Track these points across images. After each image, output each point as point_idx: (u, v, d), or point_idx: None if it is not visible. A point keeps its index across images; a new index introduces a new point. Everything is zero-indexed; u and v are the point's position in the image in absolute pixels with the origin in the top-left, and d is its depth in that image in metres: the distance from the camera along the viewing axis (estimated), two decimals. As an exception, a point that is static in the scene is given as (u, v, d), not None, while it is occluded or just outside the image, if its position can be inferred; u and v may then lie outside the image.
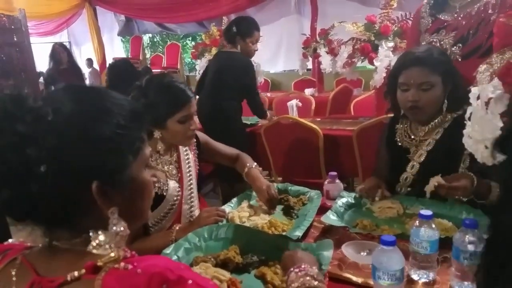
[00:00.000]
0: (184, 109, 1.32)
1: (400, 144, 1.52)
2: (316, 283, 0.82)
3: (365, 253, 1.10)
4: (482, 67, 0.87)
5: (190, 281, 0.53)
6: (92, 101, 0.60)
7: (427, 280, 0.98)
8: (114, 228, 0.58)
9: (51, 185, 0.53)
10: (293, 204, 1.43)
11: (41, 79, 7.69)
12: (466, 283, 0.93)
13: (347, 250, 1.11)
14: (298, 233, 1.19)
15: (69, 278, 0.54)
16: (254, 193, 1.58)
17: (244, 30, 2.76)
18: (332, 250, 1.01)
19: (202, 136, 1.61)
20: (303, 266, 0.86)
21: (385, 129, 1.66)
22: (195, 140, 1.57)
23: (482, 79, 0.94)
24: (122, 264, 0.54)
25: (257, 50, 2.96)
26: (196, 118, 1.39)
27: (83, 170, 0.55)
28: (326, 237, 1.20)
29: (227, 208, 1.45)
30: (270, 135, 2.73)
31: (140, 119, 0.64)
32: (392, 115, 1.65)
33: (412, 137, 1.50)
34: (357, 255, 1.10)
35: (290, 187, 1.60)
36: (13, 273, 0.58)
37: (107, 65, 5.14)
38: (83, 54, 9.29)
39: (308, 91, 4.64)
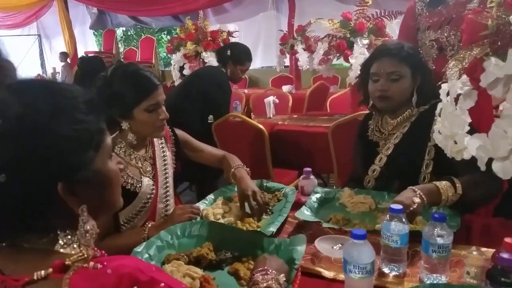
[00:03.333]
0: (150, 98, 1.27)
1: (371, 138, 1.56)
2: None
3: (338, 247, 1.11)
4: (451, 63, 0.89)
5: (162, 284, 0.51)
6: (43, 99, 0.56)
7: (398, 273, 1.00)
8: (84, 226, 0.57)
9: (15, 194, 0.51)
10: (268, 200, 1.42)
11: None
12: (435, 275, 0.95)
13: (319, 244, 1.12)
14: (272, 228, 1.19)
15: (35, 277, 0.52)
16: (228, 190, 1.56)
17: (237, 57, 2.80)
18: (305, 245, 1.01)
19: (181, 134, 1.57)
20: (270, 270, 0.86)
21: (359, 126, 1.69)
22: (173, 138, 1.53)
23: (451, 75, 0.95)
24: (92, 263, 0.53)
25: (243, 77, 3.03)
26: (164, 108, 1.34)
27: (46, 173, 0.53)
28: (300, 232, 1.21)
29: (201, 205, 1.43)
30: (220, 132, 2.71)
31: (97, 109, 0.60)
32: (366, 112, 1.69)
33: (382, 131, 1.54)
34: (330, 249, 1.10)
35: (265, 183, 1.59)
36: None
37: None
38: (54, 47, 9.01)
39: (285, 88, 4.65)
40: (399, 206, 1.01)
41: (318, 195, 1.44)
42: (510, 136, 0.63)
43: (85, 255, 0.54)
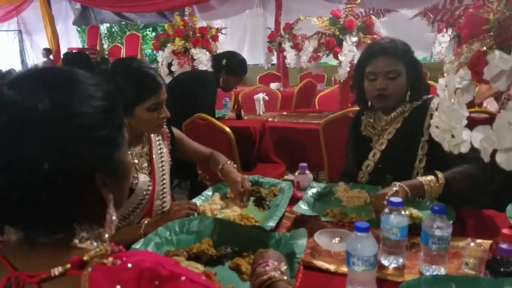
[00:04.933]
0: (154, 97, 1.26)
1: (363, 134, 1.58)
2: (284, 277, 0.82)
3: (337, 241, 1.12)
4: (450, 58, 0.90)
5: (183, 277, 0.50)
6: (72, 87, 0.55)
7: (397, 265, 1.01)
8: (111, 216, 0.57)
9: (58, 184, 0.49)
10: (264, 195, 1.42)
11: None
12: (434, 266, 0.97)
13: (319, 238, 1.12)
14: (272, 223, 1.18)
15: (53, 274, 0.50)
16: (224, 186, 1.56)
17: (232, 68, 2.72)
18: (306, 238, 1.01)
19: (177, 132, 1.58)
20: (270, 261, 0.86)
21: (351, 121, 1.70)
22: (169, 135, 1.52)
23: (450, 69, 0.97)
24: (110, 259, 0.51)
25: (235, 88, 3.02)
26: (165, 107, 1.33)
27: (87, 163, 0.52)
28: (298, 227, 1.20)
29: (198, 201, 1.41)
30: (190, 132, 2.58)
31: (116, 100, 0.60)
32: (357, 108, 1.70)
33: (375, 126, 1.55)
34: (329, 242, 1.11)
35: (261, 179, 1.59)
36: None
37: (61, 56, 4.83)
38: (36, 43, 8.79)
39: (273, 86, 4.66)
40: (399, 199, 1.02)
41: (314, 190, 1.44)
42: (516, 127, 0.65)
43: (104, 251, 0.53)
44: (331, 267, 1.01)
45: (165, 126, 1.50)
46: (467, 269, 0.94)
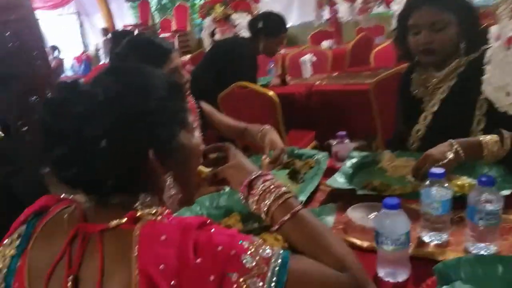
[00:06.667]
0: (167, 64, 1.25)
1: (414, 94, 1.42)
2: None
3: (373, 216, 1.03)
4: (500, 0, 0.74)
5: (213, 229, 0.60)
6: (135, 79, 0.67)
7: (440, 242, 0.91)
8: (170, 191, 0.66)
9: (113, 158, 0.59)
10: (299, 168, 1.36)
11: (56, 53, 7.70)
12: (482, 244, 0.85)
13: (352, 213, 1.05)
14: (302, 197, 1.13)
15: (111, 225, 0.60)
16: (258, 159, 1.52)
17: (270, 30, 2.53)
18: (335, 214, 0.95)
19: (206, 107, 1.56)
20: (269, 175, 0.80)
21: (401, 79, 1.54)
22: (198, 110, 1.51)
23: (502, 15, 0.81)
24: (159, 217, 0.61)
25: (280, 51, 2.86)
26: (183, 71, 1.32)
27: (138, 141, 0.62)
28: (332, 201, 1.14)
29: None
30: (227, 104, 2.48)
31: (179, 90, 0.70)
32: (408, 64, 1.53)
33: (426, 85, 1.38)
34: (363, 218, 1.03)
35: (296, 150, 1.51)
36: (65, 217, 0.65)
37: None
38: (94, 24, 9.22)
39: (325, 44, 4.40)
40: (440, 170, 0.90)
41: (353, 160, 1.34)
42: None
43: (154, 211, 0.61)
44: (364, 244, 0.94)
45: (194, 102, 1.49)
46: (523, 248, 0.82)
